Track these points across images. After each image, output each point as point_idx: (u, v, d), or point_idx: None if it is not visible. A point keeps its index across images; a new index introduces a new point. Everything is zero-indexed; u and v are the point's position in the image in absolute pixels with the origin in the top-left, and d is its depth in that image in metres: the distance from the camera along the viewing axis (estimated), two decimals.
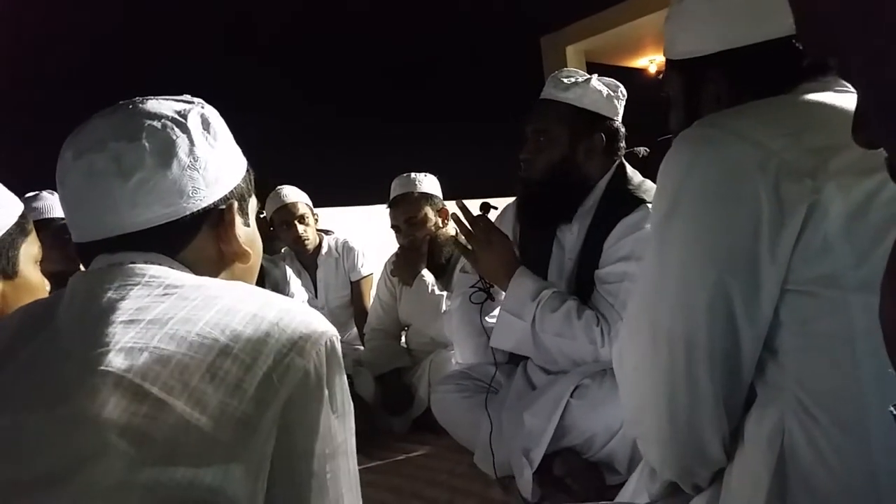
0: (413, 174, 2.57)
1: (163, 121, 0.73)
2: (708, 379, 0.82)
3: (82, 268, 0.75)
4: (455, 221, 1.79)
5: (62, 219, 2.24)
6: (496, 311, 1.92)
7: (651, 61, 5.61)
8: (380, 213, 2.71)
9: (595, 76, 1.83)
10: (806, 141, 0.77)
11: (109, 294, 0.65)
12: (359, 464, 0.72)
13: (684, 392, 0.83)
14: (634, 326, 0.89)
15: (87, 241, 0.73)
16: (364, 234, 3.26)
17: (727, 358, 0.81)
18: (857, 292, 0.73)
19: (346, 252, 2.96)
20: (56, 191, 2.35)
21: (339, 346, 0.67)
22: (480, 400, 1.94)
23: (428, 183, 2.58)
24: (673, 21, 1.01)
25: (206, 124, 0.76)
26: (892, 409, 0.44)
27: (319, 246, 2.94)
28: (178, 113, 0.74)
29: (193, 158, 0.73)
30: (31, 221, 1.03)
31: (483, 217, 1.80)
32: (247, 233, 0.80)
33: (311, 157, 3.46)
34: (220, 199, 0.76)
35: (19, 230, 0.99)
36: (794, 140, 0.76)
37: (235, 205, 0.77)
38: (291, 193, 2.80)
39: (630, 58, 4.74)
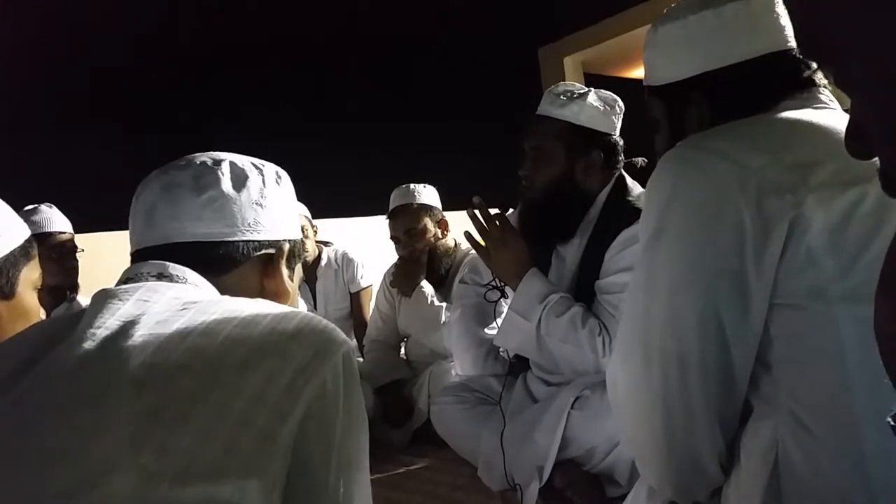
0: (412, 185, 2.58)
1: (243, 161, 0.84)
2: (702, 396, 0.82)
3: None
4: (471, 218, 1.79)
5: (60, 233, 2.25)
6: (496, 323, 1.92)
7: None
8: (379, 225, 2.71)
9: (592, 91, 1.82)
10: (786, 158, 0.78)
11: (129, 308, 0.66)
12: None
13: (679, 410, 0.83)
14: (626, 348, 0.89)
15: (142, 247, 0.79)
16: (363, 245, 3.26)
17: (720, 374, 0.82)
18: (843, 303, 0.74)
19: (345, 263, 2.96)
20: (53, 205, 2.36)
21: (354, 358, 0.68)
22: (481, 412, 1.93)
23: (427, 194, 2.58)
24: (650, 49, 1.03)
25: (279, 178, 0.86)
26: (889, 420, 0.44)
27: (319, 258, 2.94)
28: (258, 162, 0.86)
29: (261, 196, 0.82)
30: (36, 247, 1.05)
31: (500, 215, 1.80)
32: (289, 284, 0.87)
33: (309, 169, 3.46)
34: (275, 241, 0.83)
35: (22, 253, 1.01)
36: (775, 157, 0.78)
37: (287, 247, 0.85)
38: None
39: (628, 68, 4.75)
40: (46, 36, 2.90)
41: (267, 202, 0.82)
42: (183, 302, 0.67)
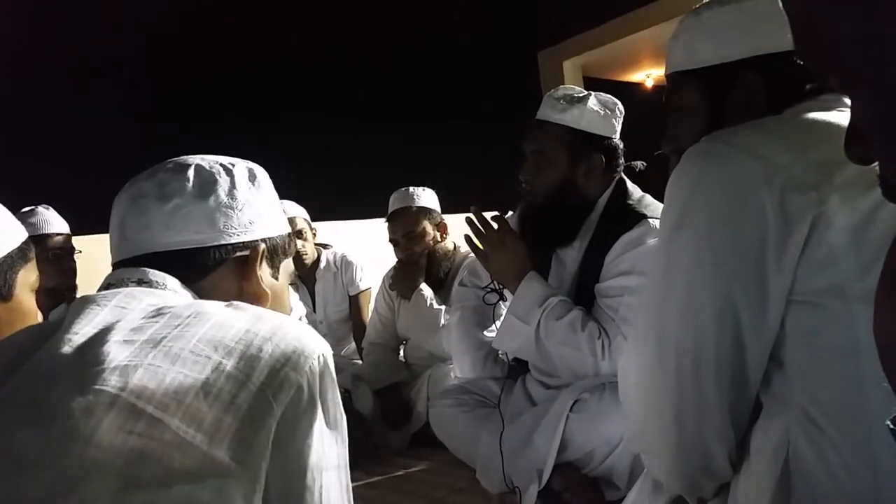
0: (411, 188, 2.58)
1: (211, 164, 0.82)
2: (715, 390, 0.82)
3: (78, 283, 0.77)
4: (468, 223, 1.79)
5: (58, 234, 2.25)
6: (495, 326, 1.92)
7: (648, 76, 5.64)
8: (378, 227, 2.71)
9: (592, 95, 1.83)
10: (811, 156, 0.78)
11: (106, 314, 0.66)
12: (357, 479, 0.71)
13: (691, 404, 0.83)
14: (641, 339, 0.89)
15: (120, 258, 0.79)
16: (362, 248, 3.26)
17: (734, 369, 0.82)
18: (862, 303, 0.74)
19: (344, 266, 2.96)
20: (50, 206, 2.36)
21: (331, 360, 0.68)
22: (480, 414, 1.93)
23: (426, 197, 2.58)
24: (690, 32, 1.01)
25: (251, 176, 0.84)
26: (888, 423, 0.44)
27: (318, 260, 2.94)
28: (228, 162, 0.84)
29: (231, 198, 0.80)
30: (34, 250, 1.06)
31: (499, 217, 1.80)
32: (273, 283, 0.85)
33: (308, 171, 3.47)
34: (249, 242, 0.81)
35: (20, 255, 1.01)
36: (800, 155, 0.78)
37: (262, 248, 0.82)
38: (289, 208, 2.80)
39: (627, 72, 4.77)
40: (46, 37, 2.90)
41: (238, 203, 0.80)
42: (158, 308, 0.67)
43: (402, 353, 2.81)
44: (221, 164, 0.82)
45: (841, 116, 0.85)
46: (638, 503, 1.08)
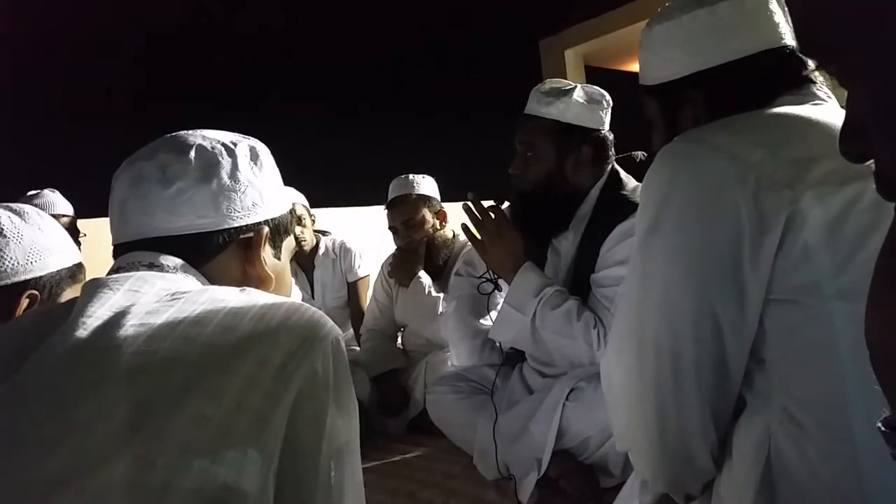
0: (411, 176, 2.58)
1: (213, 143, 0.80)
2: (695, 390, 0.82)
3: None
4: (466, 211, 1.79)
5: (62, 215, 2.25)
6: (494, 314, 1.93)
7: None
8: (377, 215, 2.71)
9: (578, 87, 1.82)
10: (784, 153, 0.78)
11: (119, 298, 0.66)
12: None
13: (672, 404, 0.84)
14: (620, 340, 0.90)
15: (122, 241, 0.78)
16: (361, 235, 3.26)
17: (714, 368, 0.82)
18: (838, 300, 0.74)
19: (343, 253, 2.96)
20: (56, 189, 2.36)
21: (343, 345, 0.69)
22: (476, 401, 1.94)
23: (426, 185, 2.58)
24: (644, 49, 1.02)
25: (254, 156, 0.83)
26: (879, 424, 0.44)
27: (316, 247, 2.94)
28: (230, 141, 0.82)
29: (234, 181, 0.79)
30: (85, 273, 1.10)
31: (496, 208, 1.80)
32: (275, 264, 0.85)
33: (308, 158, 3.46)
34: (253, 224, 0.81)
35: (69, 274, 1.07)
36: (773, 152, 0.78)
37: (266, 231, 0.82)
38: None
39: (629, 62, 4.74)
40: (49, 21, 2.89)
41: (241, 185, 0.79)
42: (172, 292, 0.67)
43: (399, 340, 2.82)
44: (223, 144, 0.81)
45: (814, 110, 0.85)
46: (630, 496, 1.09)
